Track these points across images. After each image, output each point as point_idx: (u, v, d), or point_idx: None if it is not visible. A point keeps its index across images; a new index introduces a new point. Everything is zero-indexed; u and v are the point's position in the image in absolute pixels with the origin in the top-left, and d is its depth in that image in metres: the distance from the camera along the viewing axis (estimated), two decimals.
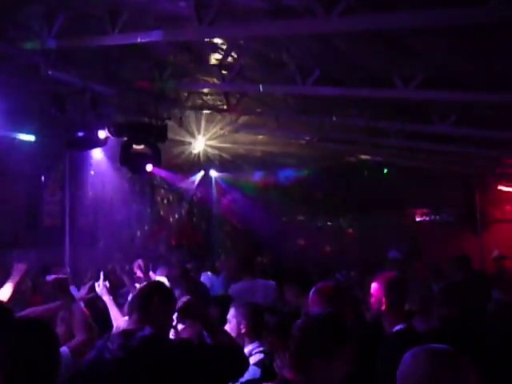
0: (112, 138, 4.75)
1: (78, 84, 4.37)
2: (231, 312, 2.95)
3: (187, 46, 4.32)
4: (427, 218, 10.35)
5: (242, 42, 3.98)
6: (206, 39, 3.86)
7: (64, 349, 2.67)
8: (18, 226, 6.71)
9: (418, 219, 10.37)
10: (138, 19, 3.82)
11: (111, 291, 4.37)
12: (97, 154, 6.97)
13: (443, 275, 5.38)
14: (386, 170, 9.98)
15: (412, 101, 4.52)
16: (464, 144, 6.39)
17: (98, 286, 3.76)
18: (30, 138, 6.57)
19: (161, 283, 2.62)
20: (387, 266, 7.46)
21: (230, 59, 4.45)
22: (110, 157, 6.90)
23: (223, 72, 4.62)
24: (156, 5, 3.55)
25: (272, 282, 5.00)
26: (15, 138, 6.44)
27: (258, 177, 9.72)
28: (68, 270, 5.60)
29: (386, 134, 6.18)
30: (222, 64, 4.62)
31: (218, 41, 4.10)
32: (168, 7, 3.49)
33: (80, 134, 4.52)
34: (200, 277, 5.77)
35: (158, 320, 2.26)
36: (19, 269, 3.72)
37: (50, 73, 4.23)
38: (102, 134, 4.63)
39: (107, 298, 3.61)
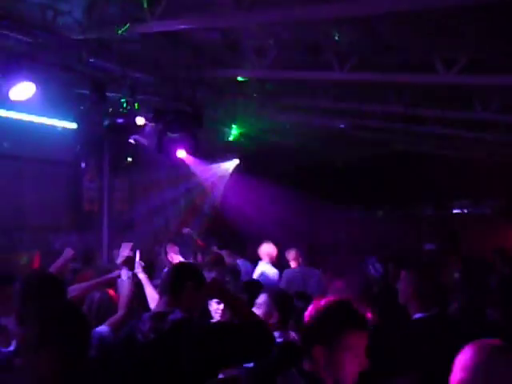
0: (150, 124, 4.84)
1: (118, 71, 4.47)
2: (262, 298, 2.93)
3: (225, 32, 4.34)
4: (466, 210, 10.06)
5: (279, 27, 3.95)
6: (243, 25, 3.86)
7: (104, 328, 2.78)
8: (59, 211, 6.98)
9: (456, 211, 10.09)
10: (176, 5, 3.86)
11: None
12: (134, 140, 7.10)
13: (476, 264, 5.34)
14: (422, 160, 9.74)
15: (453, 86, 4.38)
16: (507, 132, 6.16)
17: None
18: (72, 125, 6.80)
19: (194, 266, 2.64)
20: (423, 257, 7.34)
21: (267, 45, 4.43)
22: (147, 143, 7.04)
23: (259, 58, 4.61)
24: None
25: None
26: (57, 126, 6.68)
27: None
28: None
29: (424, 122, 6.03)
30: (258, 50, 4.61)
31: (255, 26, 4.10)
32: None
33: (119, 120, 4.63)
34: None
35: (189, 303, 2.29)
36: (66, 254, 3.89)
37: (91, 60, 4.34)
38: (141, 120, 4.72)
39: (143, 276, 3.67)
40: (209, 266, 4.66)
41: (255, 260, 6.42)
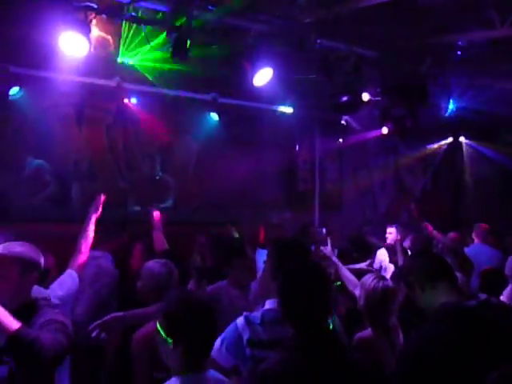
0: (373, 100, 4.80)
1: (343, 49, 4.54)
2: None
3: None
4: None
5: None
6: None
7: None
8: (276, 190, 7.56)
9: None
10: None
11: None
12: (344, 120, 7.18)
13: None
14: None
15: None
16: None
17: (326, 249, 3.77)
18: (288, 109, 7.28)
19: None
20: None
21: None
22: (357, 122, 7.05)
23: (502, 16, 4.08)
24: None
25: None
26: (276, 111, 7.24)
27: None
28: (324, 230, 6.02)
29: None
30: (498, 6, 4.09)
31: None
32: None
33: (344, 98, 4.72)
34: None
35: None
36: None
37: (318, 42, 4.51)
38: (366, 96, 4.73)
39: (336, 260, 3.60)
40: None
41: None
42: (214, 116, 6.93)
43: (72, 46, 3.52)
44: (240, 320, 2.18)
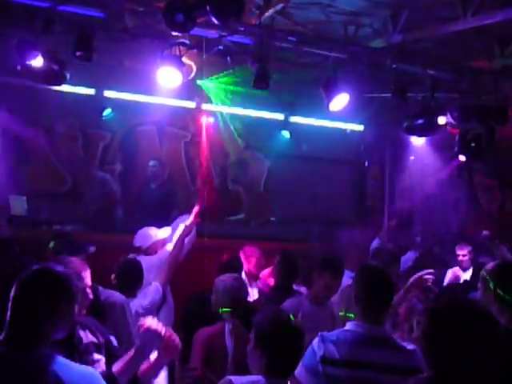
0: (452, 123, 4.77)
1: (419, 72, 4.58)
2: None
3: None
4: None
5: None
6: None
7: None
8: (345, 206, 7.62)
9: None
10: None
11: None
12: (417, 140, 7.10)
13: None
14: None
15: None
16: None
17: None
18: (359, 127, 7.35)
19: None
20: None
21: None
22: (431, 143, 6.95)
23: None
24: None
25: None
26: (346, 129, 7.34)
27: None
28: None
29: None
30: None
31: None
32: None
33: (420, 121, 4.75)
34: None
35: None
36: None
37: (394, 66, 4.59)
38: (442, 119, 4.73)
39: None
40: None
41: None
42: (286, 134, 7.18)
43: (167, 77, 3.90)
44: (315, 339, 2.33)
